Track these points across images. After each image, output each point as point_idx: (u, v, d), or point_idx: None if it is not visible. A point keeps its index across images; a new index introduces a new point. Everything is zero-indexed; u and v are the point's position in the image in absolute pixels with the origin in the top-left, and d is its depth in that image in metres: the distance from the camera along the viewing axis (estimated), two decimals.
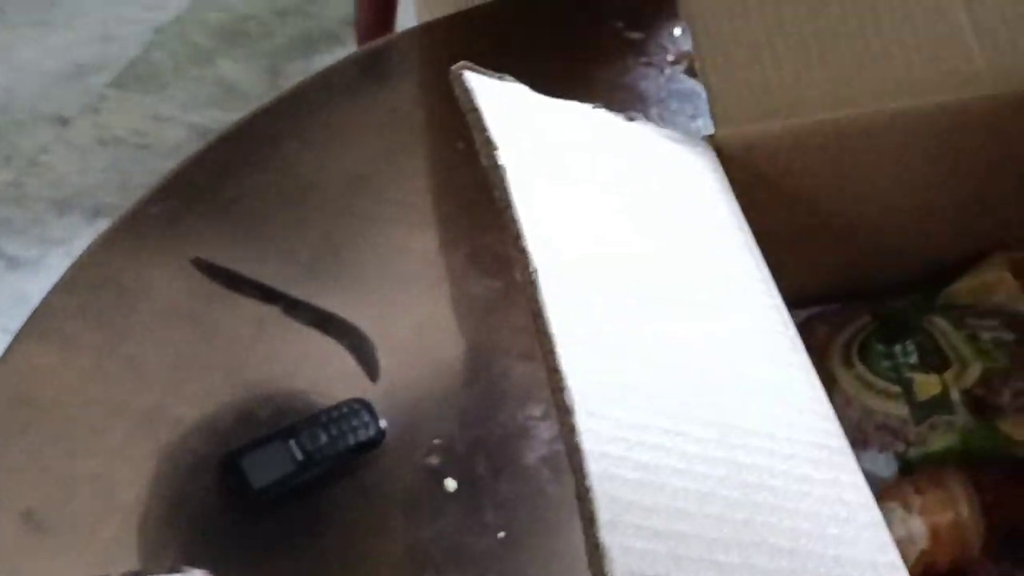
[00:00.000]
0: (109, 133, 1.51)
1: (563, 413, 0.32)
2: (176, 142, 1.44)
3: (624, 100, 0.91)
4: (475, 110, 0.41)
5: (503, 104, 0.42)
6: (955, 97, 0.53)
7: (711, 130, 0.51)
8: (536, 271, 0.36)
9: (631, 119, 0.48)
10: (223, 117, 0.93)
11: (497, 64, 0.92)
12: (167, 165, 0.82)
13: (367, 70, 0.99)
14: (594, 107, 0.46)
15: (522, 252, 0.36)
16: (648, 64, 0.94)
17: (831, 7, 0.54)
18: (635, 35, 0.96)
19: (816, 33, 0.53)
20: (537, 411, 0.69)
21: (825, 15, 0.54)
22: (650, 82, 0.94)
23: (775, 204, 0.55)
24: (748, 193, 0.53)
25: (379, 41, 1.10)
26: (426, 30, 1.02)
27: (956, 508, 0.55)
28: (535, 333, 0.35)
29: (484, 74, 0.43)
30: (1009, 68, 0.53)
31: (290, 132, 0.87)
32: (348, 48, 1.40)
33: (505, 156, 0.39)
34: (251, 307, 0.74)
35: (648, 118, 0.51)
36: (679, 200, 0.45)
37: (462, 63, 0.43)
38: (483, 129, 0.40)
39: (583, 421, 0.32)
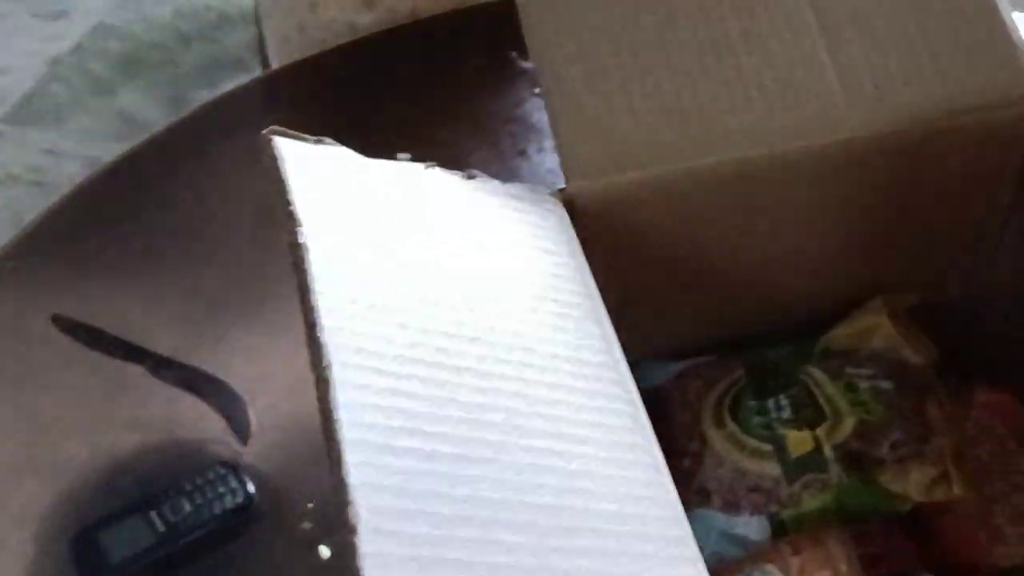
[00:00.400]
0: (3, 171, 1.45)
1: (349, 532, 0.29)
2: (74, 178, 1.39)
3: (517, 132, 0.89)
4: (280, 181, 0.38)
5: (316, 174, 0.39)
6: (819, 142, 0.51)
7: None
8: (330, 367, 0.33)
9: (470, 177, 0.45)
10: (124, 151, 0.90)
11: (386, 95, 0.91)
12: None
13: (271, 95, 0.96)
14: (427, 167, 0.43)
15: (316, 345, 0.33)
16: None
17: (689, 52, 0.51)
18: (529, 64, 0.94)
19: (673, 79, 0.51)
20: None
21: (683, 60, 0.51)
22: (544, 113, 0.92)
23: (640, 256, 0.52)
24: (610, 246, 0.51)
25: (284, 66, 1.07)
26: (321, 57, 0.99)
27: (834, 566, 0.53)
28: (324, 439, 0.32)
29: (299, 139, 0.40)
30: (872, 110, 0.51)
31: (164, 172, 0.84)
32: (255, 74, 1.36)
33: (309, 234, 0.36)
34: (114, 367, 0.71)
35: (542, 150, 0.48)
36: (514, 266, 0.42)
37: (272, 127, 0.40)
38: (287, 203, 0.37)
39: (370, 540, 0.29)
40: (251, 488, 0.64)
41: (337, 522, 0.31)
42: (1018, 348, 0.61)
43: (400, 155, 0.81)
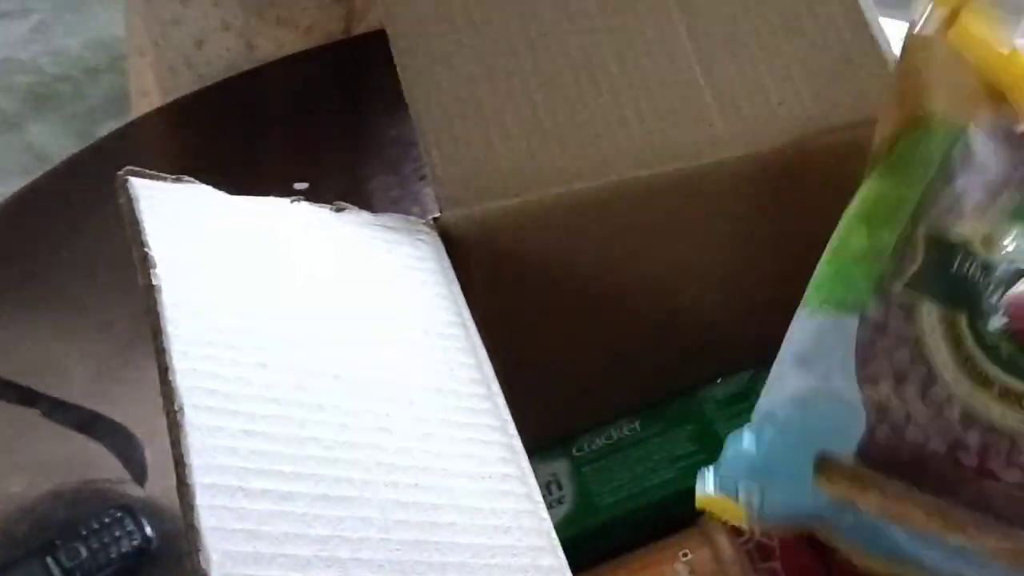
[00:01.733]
0: None
1: (198, 568, 0.29)
2: None
3: (418, 157, 0.89)
4: (135, 223, 0.37)
5: (173, 214, 0.38)
6: (696, 163, 0.51)
7: None
8: (182, 410, 0.32)
9: (339, 210, 0.44)
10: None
11: (285, 122, 0.90)
12: None
13: (175, 125, 0.95)
14: (292, 201, 0.43)
15: (168, 388, 0.33)
16: None
17: (564, 76, 0.51)
18: None
19: (548, 104, 0.51)
20: None
21: (558, 85, 0.51)
22: None
23: (520, 282, 0.52)
24: (488, 274, 0.51)
25: (187, 95, 1.06)
26: (224, 84, 0.99)
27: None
28: (176, 484, 0.32)
29: (156, 178, 0.39)
30: (748, 130, 0.51)
31: (69, 206, 0.83)
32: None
33: (164, 275, 0.36)
34: (6, 411, 0.69)
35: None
36: (384, 299, 0.41)
37: (128, 168, 0.39)
38: (141, 244, 0.36)
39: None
40: (149, 531, 0.63)
41: (189, 570, 0.31)
42: None
43: (298, 184, 0.81)
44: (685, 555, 0.54)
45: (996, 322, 0.44)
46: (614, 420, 0.60)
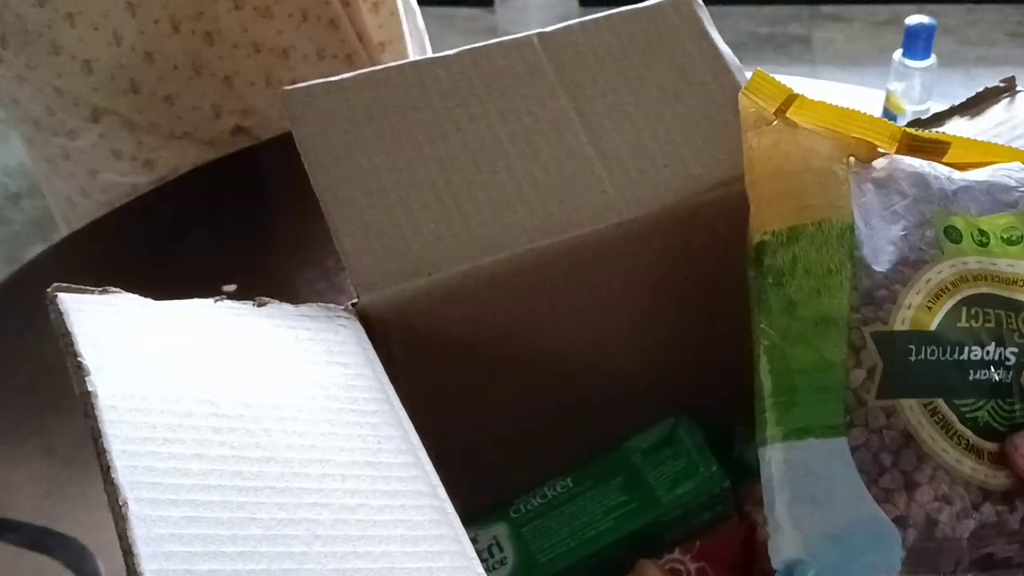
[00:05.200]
0: None
1: None
2: None
3: (320, 250, 0.91)
4: (67, 335, 0.39)
5: (102, 323, 0.41)
6: (593, 227, 0.55)
7: None
8: (126, 504, 0.35)
9: (261, 304, 0.47)
10: None
11: (204, 231, 0.92)
12: None
13: (97, 246, 0.97)
14: (215, 300, 0.46)
15: (111, 485, 0.35)
16: None
17: (461, 160, 0.55)
18: None
19: (449, 186, 0.54)
20: None
21: (457, 168, 0.55)
22: None
23: (440, 356, 0.55)
24: (409, 349, 0.53)
25: (105, 215, 1.08)
26: (139, 201, 1.01)
27: None
28: (127, 571, 0.34)
29: (83, 291, 0.42)
30: (638, 193, 0.55)
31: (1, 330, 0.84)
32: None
33: (99, 381, 0.38)
34: None
35: None
36: (309, 383, 0.44)
37: (56, 284, 0.42)
38: (74, 354, 0.39)
39: None
40: None
41: None
42: None
43: (225, 287, 0.83)
44: None
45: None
46: (547, 480, 0.63)
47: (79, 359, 0.38)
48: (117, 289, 0.43)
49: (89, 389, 0.37)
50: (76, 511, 0.72)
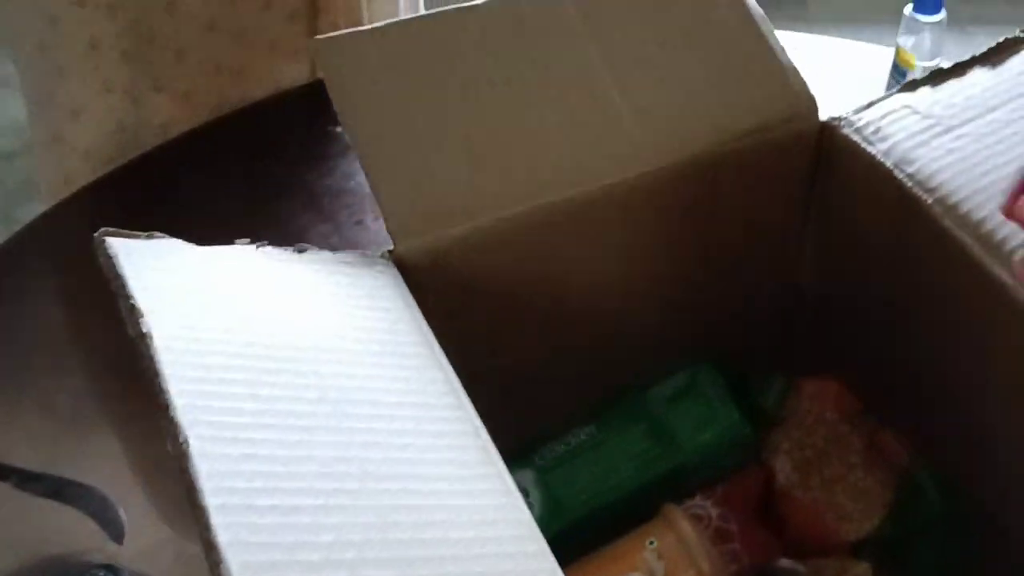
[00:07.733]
0: None
1: None
2: None
3: (352, 204, 0.92)
4: (119, 277, 0.40)
5: (151, 266, 0.41)
6: (622, 177, 0.55)
7: None
8: (187, 441, 0.35)
9: (301, 251, 0.47)
10: None
11: (217, 183, 0.93)
12: None
13: (102, 200, 0.97)
14: (258, 246, 0.46)
15: (172, 423, 0.36)
16: None
17: (493, 107, 0.55)
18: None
19: (481, 136, 0.55)
20: None
21: (489, 115, 0.55)
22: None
23: (475, 302, 0.56)
24: (442, 296, 0.54)
25: (114, 170, 1.07)
26: (148, 156, 1.01)
27: (698, 566, 0.57)
28: (190, 507, 0.34)
29: (129, 236, 0.42)
30: (667, 143, 0.56)
31: None
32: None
33: (152, 323, 0.38)
34: None
35: (378, 218, 0.50)
36: (353, 327, 0.44)
37: (104, 229, 0.42)
38: (127, 296, 0.39)
39: None
40: None
41: None
42: (830, 341, 0.66)
43: (238, 240, 0.84)
44: (652, 543, 0.58)
45: None
46: (570, 428, 0.64)
47: (132, 301, 0.39)
48: (162, 234, 0.43)
49: (144, 331, 0.38)
50: (84, 466, 0.72)
